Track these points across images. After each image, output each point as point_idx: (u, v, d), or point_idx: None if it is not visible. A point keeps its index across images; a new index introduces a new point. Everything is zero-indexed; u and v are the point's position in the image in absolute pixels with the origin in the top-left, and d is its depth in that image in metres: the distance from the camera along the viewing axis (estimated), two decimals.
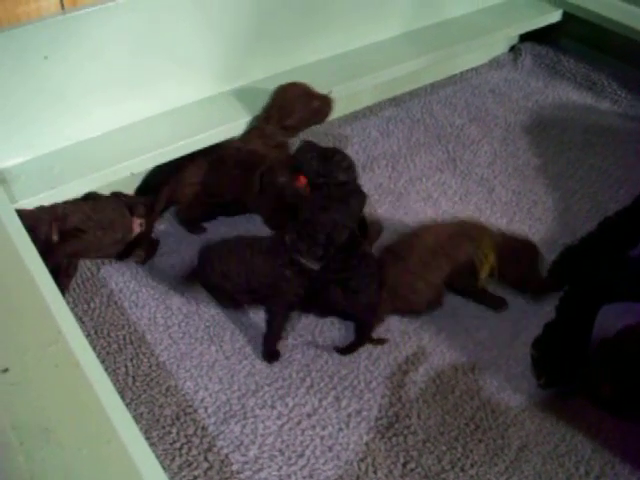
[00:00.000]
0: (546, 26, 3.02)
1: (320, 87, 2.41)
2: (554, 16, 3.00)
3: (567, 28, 3.06)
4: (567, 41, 3.11)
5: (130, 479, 1.19)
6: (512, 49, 3.17)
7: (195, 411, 1.74)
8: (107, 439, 1.23)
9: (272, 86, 2.34)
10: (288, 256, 1.82)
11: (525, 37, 3.14)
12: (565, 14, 2.99)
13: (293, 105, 2.24)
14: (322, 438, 1.68)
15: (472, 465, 1.63)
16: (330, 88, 2.42)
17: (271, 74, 2.49)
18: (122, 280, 2.06)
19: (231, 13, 2.27)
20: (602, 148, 2.59)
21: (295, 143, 2.20)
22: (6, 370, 1.35)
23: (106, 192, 2.14)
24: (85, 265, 2.11)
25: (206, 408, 1.74)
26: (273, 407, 1.75)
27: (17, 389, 1.32)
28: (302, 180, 2.05)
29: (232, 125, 2.25)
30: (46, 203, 2.02)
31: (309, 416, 1.73)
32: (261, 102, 2.31)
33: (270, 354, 1.86)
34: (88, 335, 1.87)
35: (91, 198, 2.09)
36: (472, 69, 3.06)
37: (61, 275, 1.96)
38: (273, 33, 2.43)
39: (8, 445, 1.23)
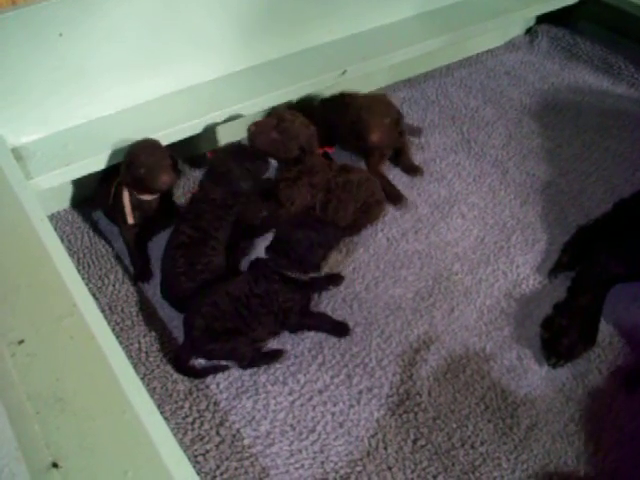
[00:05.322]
0: (563, 8, 2.98)
1: (335, 67, 2.41)
2: None
3: (584, 10, 3.02)
4: (584, 23, 3.08)
5: (143, 449, 1.21)
6: (528, 31, 3.15)
7: (207, 387, 1.76)
8: (121, 410, 1.26)
9: (286, 65, 2.34)
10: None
11: (541, 19, 3.11)
12: None
13: None
14: (333, 414, 1.70)
15: (482, 443, 1.64)
16: (345, 68, 2.42)
17: (285, 54, 2.48)
18: None
19: None
20: (618, 131, 2.57)
21: None
22: (22, 342, 1.37)
23: None
24: (100, 242, 2.13)
25: (218, 384, 1.76)
26: (285, 383, 1.76)
27: (33, 360, 1.34)
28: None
29: (247, 104, 2.25)
30: (60, 180, 2.04)
31: (320, 392, 1.74)
32: (275, 80, 2.33)
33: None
34: (102, 311, 1.87)
35: None
36: (487, 51, 3.04)
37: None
38: (288, 13, 2.41)
39: (24, 414, 1.25)
